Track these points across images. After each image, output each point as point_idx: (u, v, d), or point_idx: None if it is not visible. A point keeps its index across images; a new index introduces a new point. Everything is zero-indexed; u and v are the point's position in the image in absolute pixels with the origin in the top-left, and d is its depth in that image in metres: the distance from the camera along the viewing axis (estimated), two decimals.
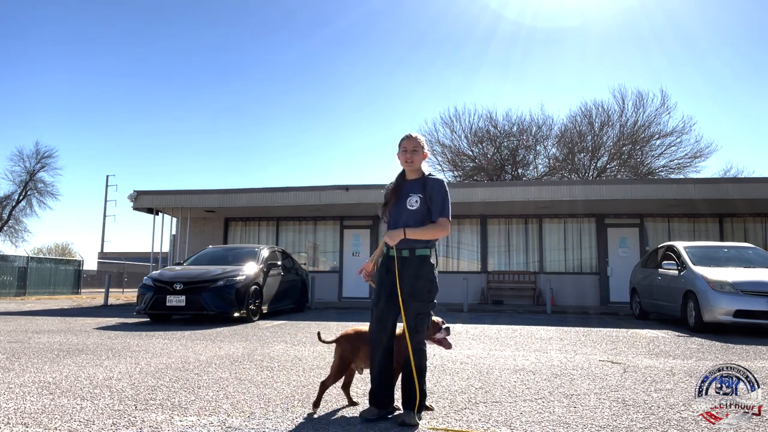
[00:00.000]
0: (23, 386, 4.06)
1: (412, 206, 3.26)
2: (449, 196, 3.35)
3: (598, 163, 28.04)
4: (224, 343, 6.69)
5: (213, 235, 17.81)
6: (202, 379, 4.40)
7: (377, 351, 3.27)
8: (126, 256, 40.70)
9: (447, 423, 3.15)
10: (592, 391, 4.00)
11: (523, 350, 6.24)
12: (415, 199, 3.27)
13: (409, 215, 3.26)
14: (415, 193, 3.30)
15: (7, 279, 21.26)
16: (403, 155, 3.36)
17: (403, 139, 3.39)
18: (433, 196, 3.27)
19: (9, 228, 33.28)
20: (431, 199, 3.27)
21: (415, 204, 3.26)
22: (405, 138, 3.38)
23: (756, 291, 7.97)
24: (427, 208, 3.26)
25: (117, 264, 34.70)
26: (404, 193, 3.34)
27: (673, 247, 10.17)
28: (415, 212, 3.26)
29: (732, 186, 13.91)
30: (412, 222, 3.25)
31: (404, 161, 3.37)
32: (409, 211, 3.27)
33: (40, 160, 32.98)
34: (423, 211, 3.26)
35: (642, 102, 27.33)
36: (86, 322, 9.58)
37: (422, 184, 3.32)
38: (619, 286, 15.06)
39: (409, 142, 3.35)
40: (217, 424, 3.10)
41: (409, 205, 3.27)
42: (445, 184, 3.36)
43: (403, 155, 3.36)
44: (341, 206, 15.46)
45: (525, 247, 16.39)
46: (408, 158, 3.34)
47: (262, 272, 10.54)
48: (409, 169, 3.38)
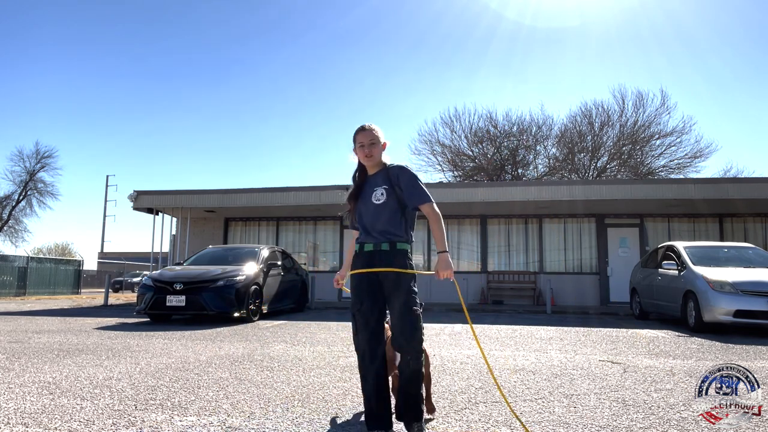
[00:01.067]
0: (23, 386, 4.06)
1: (379, 200, 2.95)
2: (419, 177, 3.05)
3: (598, 163, 28.04)
4: (224, 343, 6.69)
5: (213, 235, 17.81)
6: (202, 379, 4.40)
7: (372, 362, 2.90)
8: (126, 256, 40.71)
9: (447, 423, 3.15)
10: (592, 391, 4.00)
11: (523, 350, 6.24)
12: (380, 192, 2.96)
13: (377, 210, 2.95)
14: (379, 186, 2.99)
15: (7, 279, 21.26)
16: (361, 150, 3.04)
17: (356, 132, 3.06)
18: (402, 184, 2.96)
19: (9, 228, 33.30)
20: (402, 188, 2.96)
21: (381, 197, 2.95)
22: (359, 131, 3.05)
23: (756, 291, 7.96)
24: (397, 200, 2.96)
25: (117, 264, 34.69)
26: (369, 189, 3.03)
27: (673, 247, 10.17)
28: (383, 206, 2.94)
29: (732, 186, 13.90)
30: (382, 217, 2.94)
31: (363, 157, 3.04)
32: (376, 205, 2.95)
33: (40, 160, 33.04)
34: (392, 204, 2.95)
35: (642, 102, 27.37)
36: (86, 322, 9.58)
37: (385, 176, 3.02)
38: (619, 286, 15.06)
39: (364, 136, 3.02)
40: (217, 424, 3.10)
41: (375, 199, 2.95)
42: (410, 167, 3.06)
43: (361, 150, 3.04)
44: (341, 206, 15.42)
45: (525, 247, 16.39)
46: (367, 153, 3.02)
47: (262, 272, 10.54)
48: (370, 164, 3.07)
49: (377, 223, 2.96)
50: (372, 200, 2.97)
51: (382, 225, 2.95)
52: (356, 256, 3.07)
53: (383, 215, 2.95)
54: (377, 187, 3.00)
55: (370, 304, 2.95)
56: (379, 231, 2.96)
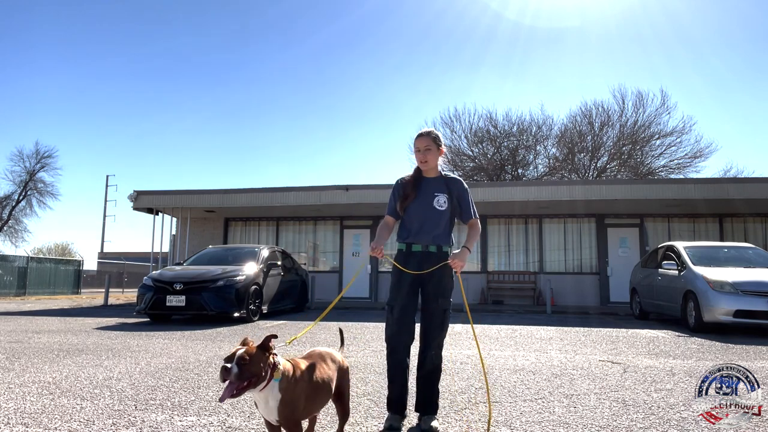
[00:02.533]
0: (23, 386, 4.06)
1: (441, 206, 3.20)
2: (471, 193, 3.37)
3: (598, 163, 28.04)
4: (224, 343, 6.69)
5: (213, 235, 17.81)
6: (202, 379, 4.40)
7: (400, 353, 3.10)
8: (126, 256, 40.69)
9: (447, 423, 3.15)
10: (592, 391, 4.00)
11: (523, 350, 6.24)
12: (443, 200, 3.21)
13: (438, 216, 3.19)
14: (441, 193, 3.23)
15: (7, 279, 21.26)
16: (417, 155, 3.26)
17: (416, 138, 3.28)
18: (462, 197, 3.27)
19: (9, 228, 33.26)
20: (461, 199, 3.27)
21: (444, 204, 3.20)
22: (417, 137, 3.27)
23: (756, 291, 7.97)
24: (452, 209, 3.24)
25: (117, 264, 34.68)
26: (427, 191, 3.24)
27: (673, 247, 10.17)
28: (443, 213, 3.20)
29: (732, 186, 13.91)
30: (441, 223, 3.20)
31: (419, 161, 3.27)
32: (438, 211, 3.19)
33: (40, 160, 32.96)
34: (449, 212, 3.23)
35: (642, 102, 27.35)
36: (86, 322, 9.58)
37: (445, 184, 3.27)
38: (619, 286, 15.06)
39: (420, 142, 3.24)
40: (217, 424, 3.10)
41: (438, 205, 3.20)
42: (465, 182, 3.37)
43: (417, 155, 3.26)
44: (341, 206, 15.46)
45: (525, 247, 16.39)
46: (422, 158, 3.24)
47: (262, 272, 10.54)
48: (426, 168, 3.28)
49: (435, 228, 3.20)
50: (434, 204, 3.20)
51: (437, 230, 3.20)
52: (402, 254, 3.24)
53: (441, 222, 3.21)
54: (439, 194, 3.23)
55: (408, 302, 3.13)
56: (433, 235, 3.20)
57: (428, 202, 3.20)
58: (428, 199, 3.21)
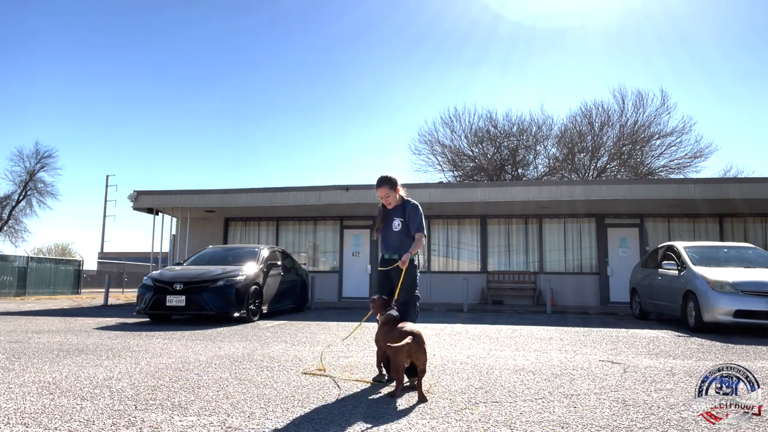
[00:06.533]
0: (23, 386, 4.05)
1: (397, 228, 4.65)
2: (422, 214, 4.67)
3: (598, 163, 28.04)
4: (224, 343, 6.69)
5: (213, 235, 17.81)
6: (202, 379, 4.40)
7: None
8: (126, 256, 40.66)
9: (447, 423, 3.15)
10: (592, 391, 4.00)
11: (523, 350, 6.24)
12: (397, 222, 4.65)
13: (396, 234, 4.65)
14: (397, 217, 4.66)
15: (7, 279, 21.25)
16: (381, 198, 4.64)
17: (376, 188, 4.59)
18: (411, 217, 4.62)
19: (9, 228, 33.25)
20: (410, 218, 4.62)
21: (398, 226, 4.64)
22: (377, 187, 4.59)
23: (756, 291, 7.96)
24: (407, 227, 4.61)
25: (117, 264, 34.66)
26: (390, 219, 4.67)
27: (673, 247, 10.17)
28: (399, 232, 4.65)
29: (732, 186, 13.89)
30: (399, 238, 4.62)
31: (384, 202, 4.67)
32: (395, 231, 4.66)
33: (40, 160, 32.93)
34: (404, 230, 4.63)
35: (642, 102, 27.36)
36: (86, 322, 9.58)
37: (402, 209, 4.66)
38: (619, 286, 15.06)
39: (381, 192, 4.58)
40: (217, 424, 3.10)
41: (394, 227, 4.65)
42: (419, 206, 4.68)
43: (381, 198, 4.64)
44: (341, 206, 15.46)
45: (525, 247, 16.39)
46: (385, 201, 4.65)
47: (262, 272, 10.54)
48: (388, 204, 4.67)
49: (395, 242, 4.65)
50: (393, 228, 4.66)
51: (396, 244, 4.64)
52: (381, 260, 4.73)
53: (398, 238, 4.64)
54: (396, 218, 4.67)
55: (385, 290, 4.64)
56: (393, 247, 4.66)
57: (391, 226, 4.66)
58: (391, 223, 4.66)
